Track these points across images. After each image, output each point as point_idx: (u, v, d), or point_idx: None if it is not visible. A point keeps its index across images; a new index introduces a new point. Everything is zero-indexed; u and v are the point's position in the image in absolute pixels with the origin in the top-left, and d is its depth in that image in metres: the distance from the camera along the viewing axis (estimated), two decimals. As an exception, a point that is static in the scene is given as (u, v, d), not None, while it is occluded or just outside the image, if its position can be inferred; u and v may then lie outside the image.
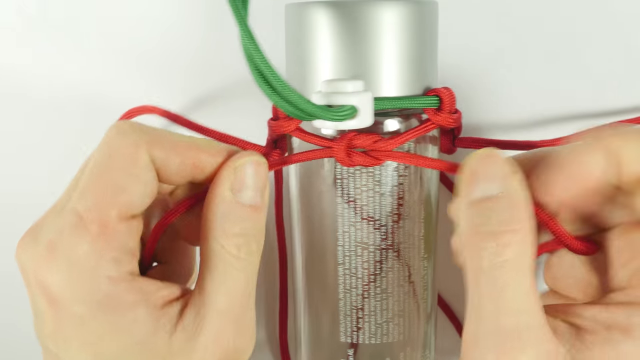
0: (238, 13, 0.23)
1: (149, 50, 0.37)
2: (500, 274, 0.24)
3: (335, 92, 0.26)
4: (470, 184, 0.25)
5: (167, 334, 0.25)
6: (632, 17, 0.35)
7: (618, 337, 0.23)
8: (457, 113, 0.29)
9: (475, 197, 0.25)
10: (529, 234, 0.24)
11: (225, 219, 0.26)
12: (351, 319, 0.30)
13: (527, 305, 0.24)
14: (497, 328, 0.24)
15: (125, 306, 0.25)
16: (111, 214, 0.25)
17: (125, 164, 0.25)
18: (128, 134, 0.26)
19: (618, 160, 0.24)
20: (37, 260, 0.25)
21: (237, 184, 0.26)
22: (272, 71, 0.24)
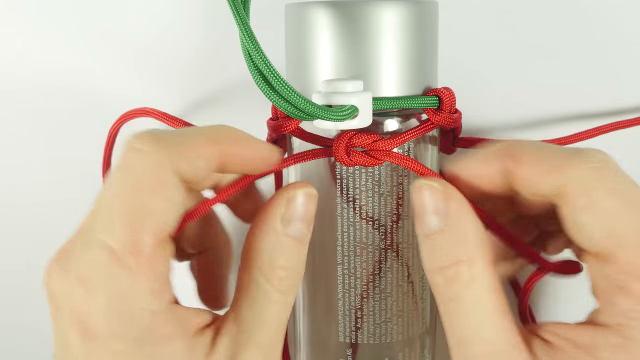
0: (238, 13, 0.23)
1: (148, 50, 0.37)
2: (456, 307, 0.25)
3: (335, 92, 0.26)
4: (418, 218, 0.26)
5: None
6: (633, 17, 0.35)
7: (583, 356, 0.24)
8: (457, 113, 0.29)
9: (423, 232, 0.26)
10: (479, 262, 0.25)
11: (273, 251, 0.25)
12: (350, 319, 0.30)
13: (491, 331, 0.24)
14: (465, 356, 0.25)
15: (164, 338, 0.24)
16: (146, 243, 0.23)
17: (153, 189, 0.24)
18: (149, 154, 0.24)
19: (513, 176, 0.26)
20: (72, 294, 0.23)
21: (287, 215, 0.26)
22: (272, 71, 0.24)
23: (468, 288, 0.25)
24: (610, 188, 0.24)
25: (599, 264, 0.24)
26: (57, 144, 0.39)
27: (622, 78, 0.35)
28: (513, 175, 0.25)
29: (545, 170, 0.25)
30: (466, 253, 0.25)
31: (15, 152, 0.39)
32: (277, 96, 0.24)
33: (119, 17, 0.37)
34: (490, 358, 0.24)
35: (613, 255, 0.24)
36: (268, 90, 0.24)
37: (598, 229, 0.24)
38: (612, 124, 0.33)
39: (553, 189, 0.25)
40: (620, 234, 0.23)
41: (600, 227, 0.24)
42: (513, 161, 0.25)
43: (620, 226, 0.24)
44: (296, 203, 0.26)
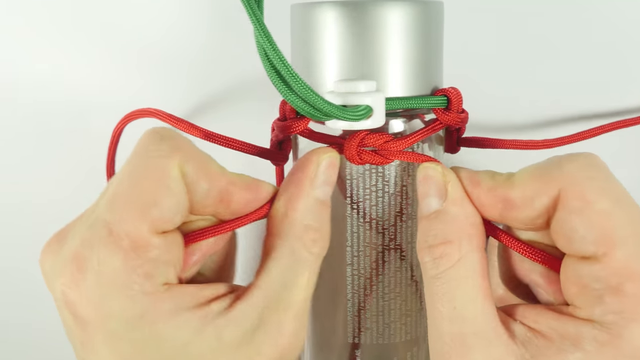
0: (253, 12, 0.23)
1: (152, 51, 0.37)
2: (440, 285, 0.25)
3: (350, 92, 0.25)
4: (420, 199, 0.27)
5: (215, 329, 0.24)
6: (634, 17, 0.35)
7: (569, 347, 0.24)
8: (464, 113, 0.29)
9: (421, 213, 0.27)
10: (467, 244, 0.26)
11: (305, 215, 0.26)
12: (358, 319, 0.30)
13: (472, 312, 0.25)
14: (441, 335, 0.25)
15: (166, 315, 0.24)
16: (142, 228, 0.24)
17: (156, 175, 0.24)
18: (162, 141, 0.25)
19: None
20: (63, 273, 0.24)
21: (318, 180, 0.27)
22: (289, 70, 0.23)
23: (453, 268, 0.25)
24: (602, 189, 0.24)
25: (588, 265, 0.24)
26: (61, 143, 0.38)
27: (624, 78, 0.36)
28: (508, 202, 0.26)
29: (537, 186, 0.25)
30: (456, 234, 0.26)
31: (20, 151, 0.39)
32: (294, 95, 0.24)
33: (123, 17, 0.36)
34: (468, 337, 0.25)
35: (606, 256, 0.24)
36: (284, 89, 0.24)
37: (592, 231, 0.24)
38: (614, 123, 0.33)
39: (548, 201, 0.25)
40: (614, 235, 0.24)
41: (594, 228, 0.24)
42: (506, 188, 0.26)
43: (614, 227, 0.24)
44: (325, 167, 0.27)
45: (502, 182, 0.26)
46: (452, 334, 0.25)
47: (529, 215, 0.26)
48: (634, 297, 0.23)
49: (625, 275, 0.24)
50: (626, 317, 0.24)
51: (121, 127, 0.34)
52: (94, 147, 0.38)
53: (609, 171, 0.25)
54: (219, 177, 0.26)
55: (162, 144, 0.25)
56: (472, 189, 0.27)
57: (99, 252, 0.24)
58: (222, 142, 0.30)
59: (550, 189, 0.25)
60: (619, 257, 0.24)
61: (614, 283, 0.24)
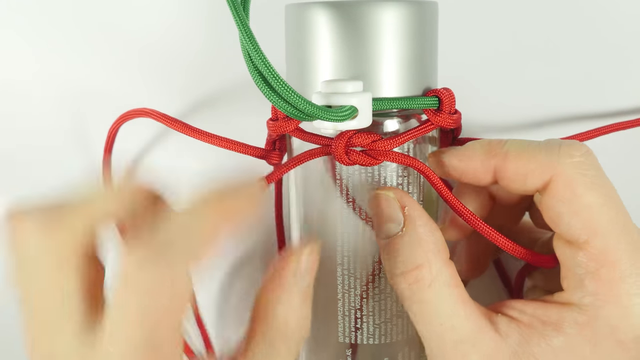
0: (237, 14, 0.23)
1: (148, 51, 0.37)
2: (420, 307, 0.26)
3: (335, 92, 0.26)
4: (376, 226, 0.28)
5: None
6: (634, 17, 0.35)
7: (551, 332, 0.26)
8: (457, 114, 0.29)
9: (381, 238, 0.28)
10: (436, 262, 0.26)
11: (284, 308, 0.26)
12: (350, 320, 0.30)
13: (458, 320, 0.26)
14: (442, 353, 0.26)
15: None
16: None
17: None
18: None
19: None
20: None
21: (299, 271, 0.27)
22: (271, 72, 0.23)
23: (429, 288, 0.26)
24: (591, 183, 0.26)
25: (572, 250, 0.26)
26: (57, 143, 0.39)
27: (622, 79, 0.35)
28: (501, 172, 0.27)
29: (531, 167, 0.27)
30: (424, 256, 0.26)
31: (15, 151, 0.39)
32: (277, 97, 0.24)
33: (119, 17, 0.37)
34: (461, 344, 0.26)
35: (587, 243, 0.26)
36: (268, 91, 0.24)
37: (577, 220, 0.26)
38: (613, 125, 0.33)
39: (539, 184, 0.27)
40: (596, 225, 0.26)
41: (579, 218, 0.26)
42: (500, 159, 0.27)
43: (597, 219, 0.26)
44: (304, 260, 0.27)
45: (496, 152, 0.27)
46: (447, 348, 0.26)
47: (519, 188, 0.27)
48: (608, 282, 0.26)
49: (601, 261, 0.26)
50: (601, 299, 0.26)
51: (116, 127, 0.35)
52: (91, 146, 0.38)
53: (601, 170, 0.27)
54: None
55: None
56: (464, 163, 0.28)
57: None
58: (217, 142, 0.30)
59: (544, 173, 0.26)
60: (598, 245, 0.26)
61: (592, 268, 0.26)
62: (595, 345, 0.26)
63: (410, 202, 0.27)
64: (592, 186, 0.26)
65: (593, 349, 0.26)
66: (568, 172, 0.26)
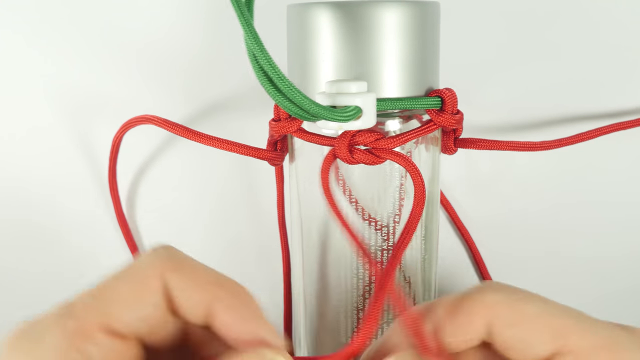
0: (242, 14, 0.23)
1: (150, 55, 0.37)
2: None
3: (340, 92, 0.26)
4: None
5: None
6: (633, 19, 0.35)
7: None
8: (459, 114, 0.29)
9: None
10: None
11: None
12: (352, 320, 0.30)
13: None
14: None
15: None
16: (93, 319, 0.24)
17: (130, 281, 0.24)
18: (153, 255, 0.25)
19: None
20: (7, 341, 0.24)
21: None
22: (277, 72, 0.23)
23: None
24: (523, 299, 0.25)
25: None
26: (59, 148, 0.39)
27: (623, 79, 0.36)
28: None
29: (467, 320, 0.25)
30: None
31: (17, 157, 0.39)
32: (282, 97, 0.24)
33: (120, 22, 0.37)
34: None
35: (566, 346, 0.24)
36: (273, 91, 0.24)
37: (539, 332, 0.24)
38: (612, 125, 0.33)
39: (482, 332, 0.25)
40: (561, 325, 0.24)
41: (540, 329, 0.24)
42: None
43: (557, 320, 0.24)
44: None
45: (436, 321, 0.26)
46: None
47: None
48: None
49: (596, 350, 0.24)
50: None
51: (120, 135, 0.35)
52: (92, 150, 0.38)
53: (515, 288, 0.26)
54: (210, 283, 0.25)
55: (150, 255, 0.25)
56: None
57: (45, 322, 0.24)
58: (218, 144, 0.30)
59: (479, 320, 0.25)
60: (578, 342, 0.24)
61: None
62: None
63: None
64: (525, 300, 0.25)
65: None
66: (497, 305, 0.25)
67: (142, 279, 0.24)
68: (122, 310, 0.24)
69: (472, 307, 0.25)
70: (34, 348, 0.23)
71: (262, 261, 0.39)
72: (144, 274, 0.25)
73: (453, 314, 0.25)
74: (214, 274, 0.25)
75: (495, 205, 0.38)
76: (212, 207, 0.39)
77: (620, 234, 0.38)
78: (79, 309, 0.24)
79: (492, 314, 0.25)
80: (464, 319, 0.25)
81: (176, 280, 0.24)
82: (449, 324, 0.25)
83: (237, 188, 0.38)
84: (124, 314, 0.24)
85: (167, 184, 0.39)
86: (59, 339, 0.23)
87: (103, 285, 0.25)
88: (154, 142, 0.38)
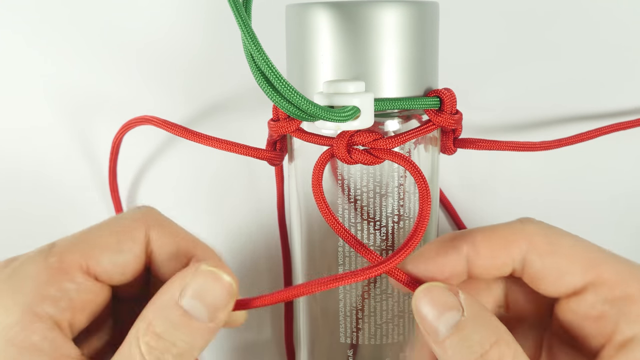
0: (239, 14, 0.23)
1: (149, 55, 0.37)
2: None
3: (337, 92, 0.25)
4: (433, 323, 0.24)
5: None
6: (633, 19, 0.35)
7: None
8: (458, 114, 0.29)
9: (443, 333, 0.24)
10: (507, 334, 0.24)
11: (157, 314, 0.24)
12: (351, 320, 0.30)
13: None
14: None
15: (27, 346, 0.23)
16: (75, 260, 0.25)
17: (115, 230, 0.26)
18: (138, 211, 0.27)
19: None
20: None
21: (191, 290, 0.24)
22: (274, 72, 0.23)
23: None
24: (560, 233, 0.26)
25: (583, 297, 0.25)
26: (59, 148, 0.39)
27: (623, 79, 0.35)
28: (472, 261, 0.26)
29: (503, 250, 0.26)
30: (496, 331, 0.24)
31: (18, 158, 0.39)
32: (280, 97, 0.24)
33: (121, 22, 0.37)
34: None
35: (599, 277, 0.25)
36: (270, 91, 0.24)
37: (572, 262, 0.26)
38: (612, 126, 0.33)
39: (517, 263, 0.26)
40: (592, 258, 0.26)
41: (573, 259, 0.26)
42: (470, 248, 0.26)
43: (589, 253, 0.26)
44: (204, 281, 0.24)
45: (463, 242, 0.26)
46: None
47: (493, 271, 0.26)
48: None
49: (627, 281, 0.25)
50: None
51: (120, 136, 0.35)
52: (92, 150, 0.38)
53: (552, 225, 0.27)
54: (187, 241, 0.27)
55: (138, 211, 0.27)
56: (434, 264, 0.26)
57: (28, 255, 0.25)
58: (217, 144, 0.30)
59: (516, 247, 0.26)
60: (610, 273, 0.25)
61: (618, 293, 0.25)
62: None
63: (446, 290, 0.25)
64: (562, 233, 0.26)
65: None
66: (534, 234, 0.26)
67: (127, 229, 0.26)
68: (103, 255, 0.25)
69: (510, 234, 0.26)
70: (13, 276, 0.24)
71: (262, 261, 0.39)
72: (129, 225, 0.26)
73: (490, 239, 0.26)
74: (191, 236, 0.27)
75: (494, 206, 0.38)
76: (212, 207, 0.39)
77: (620, 234, 0.38)
78: (61, 248, 0.25)
79: (529, 241, 0.26)
80: (501, 243, 0.26)
81: (158, 235, 0.26)
82: (486, 247, 0.26)
83: (237, 188, 0.39)
84: (104, 259, 0.25)
85: (167, 184, 0.39)
86: (39, 272, 0.24)
87: (87, 230, 0.26)
88: (153, 143, 0.38)
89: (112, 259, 0.25)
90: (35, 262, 0.24)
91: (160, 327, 0.23)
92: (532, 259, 0.26)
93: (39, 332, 0.23)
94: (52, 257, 0.25)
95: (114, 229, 0.26)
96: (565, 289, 0.26)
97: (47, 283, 0.24)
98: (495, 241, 0.26)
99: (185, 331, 0.23)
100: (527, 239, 0.26)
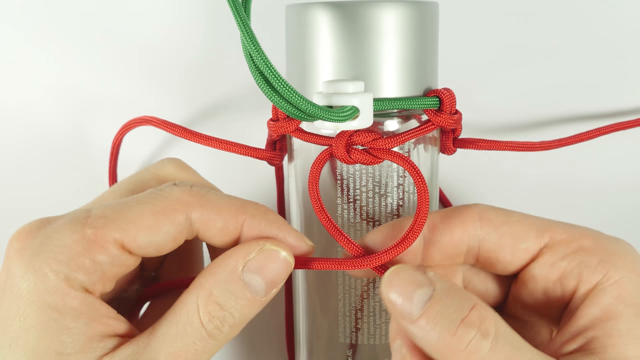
0: (239, 14, 0.23)
1: (150, 57, 0.37)
2: (498, 348, 0.23)
3: (336, 92, 0.25)
4: (405, 304, 0.24)
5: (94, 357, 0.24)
6: (632, 20, 0.35)
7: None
8: (457, 114, 0.29)
9: (417, 310, 0.24)
10: (483, 302, 0.24)
11: (219, 285, 0.25)
12: (350, 320, 0.30)
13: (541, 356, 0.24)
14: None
15: (67, 310, 0.24)
16: (111, 235, 0.25)
17: (155, 209, 0.25)
18: (178, 189, 0.26)
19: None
20: (20, 230, 0.25)
21: (253, 265, 0.25)
22: (273, 72, 0.23)
23: (498, 324, 0.24)
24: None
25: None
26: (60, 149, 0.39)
27: (623, 79, 0.35)
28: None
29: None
30: (471, 296, 0.24)
31: (18, 158, 0.39)
32: (279, 97, 0.24)
33: (122, 24, 0.37)
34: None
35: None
36: (269, 91, 0.24)
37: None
38: (612, 126, 0.33)
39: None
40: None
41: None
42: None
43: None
44: (270, 259, 0.26)
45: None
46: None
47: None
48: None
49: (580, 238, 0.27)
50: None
51: (120, 137, 0.35)
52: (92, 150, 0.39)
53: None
54: (235, 211, 0.26)
55: (179, 190, 0.26)
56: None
57: (63, 221, 0.25)
58: (217, 144, 0.30)
59: (470, 223, 0.27)
60: (563, 234, 0.27)
61: (575, 247, 0.26)
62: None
63: (418, 268, 0.26)
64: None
65: None
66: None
67: (168, 211, 0.25)
68: (140, 233, 0.25)
69: (464, 213, 0.28)
70: (48, 242, 0.24)
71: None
72: (171, 207, 0.26)
73: (447, 218, 0.28)
74: (235, 201, 0.27)
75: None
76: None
77: (620, 234, 0.38)
78: (98, 220, 0.25)
79: (483, 216, 0.27)
80: (457, 221, 0.27)
81: (202, 214, 0.26)
82: (444, 226, 0.27)
83: (236, 188, 0.39)
84: (141, 237, 0.25)
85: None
86: (75, 241, 0.24)
87: (127, 205, 0.25)
88: (153, 143, 0.38)
89: (149, 238, 0.25)
90: (71, 232, 0.24)
91: (222, 298, 0.25)
92: (487, 232, 0.27)
93: (77, 298, 0.24)
94: (88, 228, 0.24)
95: (155, 208, 0.25)
96: (522, 257, 0.27)
97: (82, 254, 0.24)
98: (451, 221, 0.27)
99: (243, 303, 0.25)
100: (481, 215, 0.27)
